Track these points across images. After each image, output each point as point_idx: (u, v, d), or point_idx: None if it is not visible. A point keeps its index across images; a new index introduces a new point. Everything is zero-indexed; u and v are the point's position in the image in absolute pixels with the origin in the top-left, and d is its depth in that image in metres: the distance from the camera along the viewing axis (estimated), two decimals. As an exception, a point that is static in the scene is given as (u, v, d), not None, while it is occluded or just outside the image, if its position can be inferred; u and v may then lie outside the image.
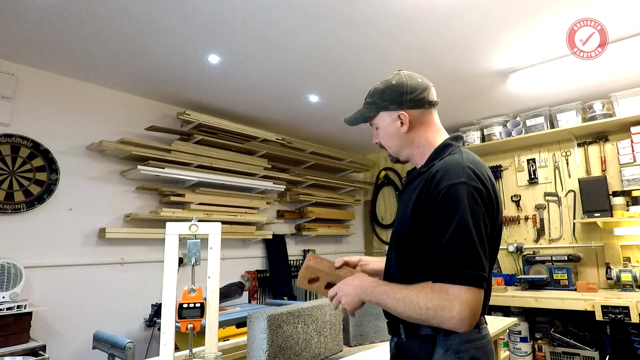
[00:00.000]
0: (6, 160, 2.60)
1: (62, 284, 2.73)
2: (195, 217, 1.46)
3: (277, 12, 2.20)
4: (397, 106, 1.15)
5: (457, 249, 0.94)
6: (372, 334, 1.92)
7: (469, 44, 2.59)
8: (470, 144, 4.16)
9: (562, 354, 3.39)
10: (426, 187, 1.03)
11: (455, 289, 0.92)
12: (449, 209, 0.97)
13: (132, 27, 2.31)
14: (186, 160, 3.26)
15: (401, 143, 1.18)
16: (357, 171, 5.20)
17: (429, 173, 1.06)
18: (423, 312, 0.95)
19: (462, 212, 0.96)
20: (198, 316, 1.30)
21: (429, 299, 0.94)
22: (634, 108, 3.31)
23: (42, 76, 2.80)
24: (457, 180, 0.99)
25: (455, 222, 0.95)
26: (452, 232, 0.95)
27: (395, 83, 1.17)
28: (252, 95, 3.33)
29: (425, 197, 1.03)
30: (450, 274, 0.93)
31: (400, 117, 1.15)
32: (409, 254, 1.08)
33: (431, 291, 0.95)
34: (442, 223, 0.97)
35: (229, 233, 3.58)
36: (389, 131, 1.18)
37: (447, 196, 0.98)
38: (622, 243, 3.45)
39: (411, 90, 1.16)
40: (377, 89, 1.19)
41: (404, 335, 1.09)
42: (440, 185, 1.00)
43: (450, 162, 1.05)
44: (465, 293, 0.91)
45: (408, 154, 1.20)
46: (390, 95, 1.16)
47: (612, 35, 2.43)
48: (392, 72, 1.21)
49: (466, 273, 0.92)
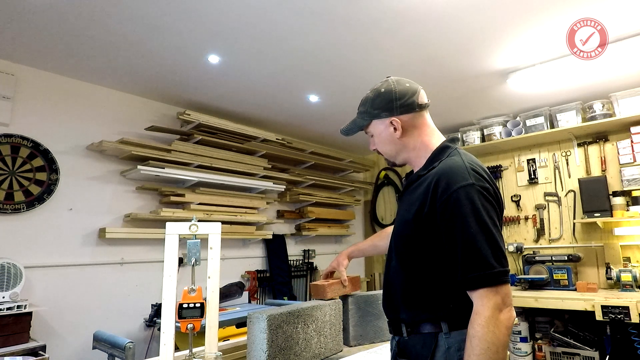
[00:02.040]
0: (6, 160, 2.60)
1: (62, 284, 2.73)
2: (195, 217, 1.46)
3: (277, 12, 2.20)
4: (388, 113, 1.18)
5: (485, 250, 0.96)
6: (372, 334, 1.92)
7: (469, 44, 2.59)
8: (470, 144, 4.16)
9: (562, 354, 3.39)
10: (431, 191, 1.03)
11: (488, 292, 0.94)
12: (465, 212, 0.98)
13: (132, 27, 2.31)
14: (186, 160, 3.26)
15: (397, 148, 1.20)
16: (357, 171, 5.21)
17: (431, 176, 1.06)
18: (492, 334, 0.92)
19: (479, 213, 0.98)
20: (198, 316, 1.30)
21: (483, 324, 0.93)
22: (634, 108, 3.30)
23: (42, 76, 2.80)
24: (466, 183, 1.00)
25: (475, 223, 0.97)
26: (475, 234, 0.96)
27: (384, 91, 1.19)
28: (252, 95, 3.32)
29: (432, 200, 1.03)
30: (485, 278, 0.95)
31: (392, 123, 1.17)
32: (411, 256, 1.09)
33: (480, 318, 0.94)
34: (461, 226, 0.98)
35: (229, 233, 3.58)
36: (383, 138, 1.21)
37: (459, 199, 0.99)
38: (622, 243, 3.45)
39: (400, 96, 1.17)
40: (367, 97, 1.22)
41: (406, 334, 1.10)
42: (450, 189, 1.00)
43: (453, 165, 1.05)
44: (501, 290, 0.95)
45: (404, 157, 1.22)
46: (381, 103, 1.18)
47: (612, 35, 2.43)
48: (380, 80, 1.24)
49: (497, 272, 0.95)
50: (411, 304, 1.09)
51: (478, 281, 0.95)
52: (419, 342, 1.07)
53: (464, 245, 0.97)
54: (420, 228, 1.05)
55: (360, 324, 1.90)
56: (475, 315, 0.95)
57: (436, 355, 1.02)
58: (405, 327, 1.10)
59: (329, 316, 1.70)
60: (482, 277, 0.95)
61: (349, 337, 1.86)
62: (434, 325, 1.05)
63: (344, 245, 5.07)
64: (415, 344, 1.07)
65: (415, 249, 1.07)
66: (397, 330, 1.13)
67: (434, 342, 1.04)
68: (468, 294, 0.99)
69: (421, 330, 1.06)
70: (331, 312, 1.71)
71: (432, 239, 1.04)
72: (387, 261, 1.20)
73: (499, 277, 0.95)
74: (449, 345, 1.02)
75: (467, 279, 0.97)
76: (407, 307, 1.10)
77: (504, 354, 0.93)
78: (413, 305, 1.09)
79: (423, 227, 1.04)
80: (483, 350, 0.91)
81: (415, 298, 1.09)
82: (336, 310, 1.74)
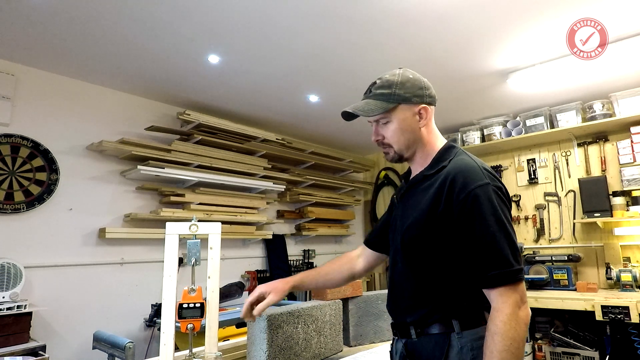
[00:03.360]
0: (6, 160, 2.60)
1: (62, 284, 2.73)
2: (195, 217, 1.46)
3: (277, 12, 2.20)
4: (419, 99, 1.12)
5: (504, 249, 0.97)
6: (372, 334, 1.92)
7: (469, 44, 2.59)
8: (470, 144, 4.16)
9: (562, 354, 3.39)
10: (447, 189, 1.03)
11: (507, 290, 0.96)
12: (484, 211, 0.99)
13: (132, 27, 2.31)
14: (186, 160, 3.26)
15: (414, 138, 1.14)
16: (357, 171, 5.21)
17: (444, 175, 1.05)
18: (513, 331, 0.94)
19: (497, 212, 0.99)
20: (198, 316, 1.30)
21: (505, 321, 0.94)
22: (634, 108, 3.30)
23: (42, 76, 2.80)
24: (482, 182, 1.01)
25: (495, 222, 0.98)
26: (495, 232, 0.98)
27: (412, 77, 1.14)
28: (252, 95, 3.32)
29: (448, 199, 1.02)
30: (505, 276, 0.96)
31: (421, 111, 1.13)
32: (421, 256, 1.08)
33: (501, 315, 0.95)
34: (480, 225, 0.99)
35: (229, 233, 3.58)
36: (405, 125, 1.12)
37: (478, 198, 0.99)
38: (622, 243, 3.45)
39: (427, 85, 1.15)
40: (392, 80, 1.12)
41: (415, 335, 1.08)
42: (468, 188, 1.00)
43: (467, 165, 1.06)
44: (519, 288, 0.97)
45: (414, 151, 1.16)
46: (412, 88, 1.12)
47: (612, 35, 2.43)
48: (390, 71, 1.17)
49: (516, 270, 0.97)
50: (421, 305, 1.08)
51: (499, 279, 0.96)
52: (429, 343, 1.05)
53: (484, 243, 0.98)
54: (434, 227, 1.04)
55: (360, 324, 1.90)
56: (496, 313, 0.95)
57: (450, 355, 1.01)
58: (415, 328, 1.08)
59: (329, 316, 1.70)
60: (502, 275, 0.96)
61: (349, 337, 1.86)
62: (445, 325, 1.04)
63: (344, 245, 5.08)
64: (426, 345, 1.06)
65: (426, 248, 1.06)
66: (404, 333, 1.11)
67: (446, 342, 1.02)
68: (485, 291, 0.99)
69: (431, 331, 1.05)
70: (331, 312, 1.71)
71: (446, 237, 1.03)
72: (392, 264, 1.18)
73: (517, 274, 0.97)
74: (461, 345, 1.01)
75: (487, 277, 0.97)
76: (417, 308, 1.08)
77: (523, 350, 0.95)
78: (423, 306, 1.07)
79: (437, 225, 1.04)
80: (506, 346, 0.92)
81: (426, 298, 1.07)
82: (336, 310, 1.74)
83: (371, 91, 1.15)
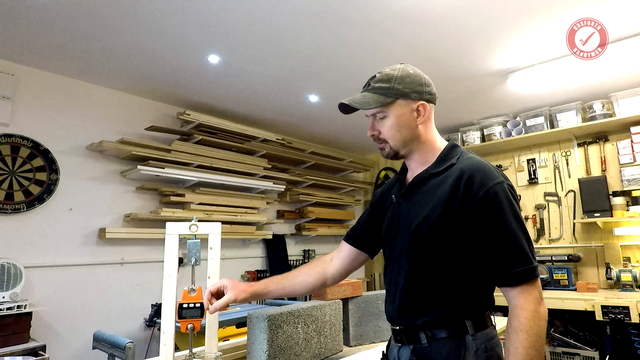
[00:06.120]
0: (6, 160, 2.60)
1: (62, 284, 2.73)
2: (195, 217, 1.46)
3: (277, 12, 2.20)
4: (417, 95, 1.10)
5: (525, 247, 0.98)
6: (372, 334, 1.92)
7: (469, 44, 2.59)
8: (470, 144, 4.16)
9: (562, 354, 3.39)
10: (463, 187, 1.01)
11: (529, 287, 0.97)
12: (504, 208, 0.99)
13: (132, 27, 2.31)
14: (186, 160, 3.26)
15: (411, 136, 1.11)
16: (357, 171, 5.21)
17: (457, 174, 1.03)
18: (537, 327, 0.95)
19: (515, 210, 1.00)
20: (198, 316, 1.30)
21: (529, 317, 0.95)
22: (634, 108, 3.30)
23: (42, 76, 2.80)
24: (498, 180, 1.01)
25: (514, 220, 0.99)
26: (516, 230, 0.98)
27: (412, 72, 1.11)
28: (252, 95, 3.32)
29: (465, 196, 1.00)
30: (528, 272, 0.97)
31: (419, 107, 1.10)
32: (434, 257, 1.04)
33: (525, 312, 0.95)
34: (502, 222, 0.99)
35: (229, 233, 3.58)
36: (402, 121, 1.10)
37: (498, 195, 0.99)
38: (622, 243, 3.45)
39: (427, 82, 1.13)
40: (392, 75, 1.11)
41: (426, 340, 1.04)
42: (486, 185, 1.00)
43: (481, 163, 1.05)
44: (538, 284, 0.98)
45: (411, 148, 1.13)
46: (412, 84, 1.10)
47: (612, 35, 2.43)
48: (391, 66, 1.16)
49: (535, 267, 0.98)
50: (437, 306, 1.03)
51: (522, 276, 0.96)
52: (443, 347, 1.02)
53: (506, 241, 0.98)
54: (449, 225, 1.01)
55: (360, 324, 1.90)
56: (519, 310, 0.95)
57: (467, 358, 0.99)
58: (425, 332, 1.04)
59: (329, 316, 1.70)
60: (525, 272, 0.96)
61: (349, 337, 1.86)
62: (459, 327, 1.01)
63: (344, 245, 5.06)
64: (440, 349, 1.02)
65: (440, 247, 1.03)
66: (413, 339, 1.06)
67: (462, 345, 1.00)
68: (504, 289, 0.99)
69: (444, 334, 1.02)
70: (331, 312, 1.71)
71: (461, 236, 1.01)
72: (396, 268, 1.12)
73: (536, 271, 0.98)
74: (477, 347, 1.00)
75: (510, 274, 0.97)
76: (431, 309, 1.04)
77: (544, 346, 0.96)
78: (439, 307, 1.03)
79: (452, 224, 1.01)
80: (532, 342, 0.92)
81: (441, 299, 1.03)
82: (336, 310, 1.74)
83: (370, 84, 1.14)
